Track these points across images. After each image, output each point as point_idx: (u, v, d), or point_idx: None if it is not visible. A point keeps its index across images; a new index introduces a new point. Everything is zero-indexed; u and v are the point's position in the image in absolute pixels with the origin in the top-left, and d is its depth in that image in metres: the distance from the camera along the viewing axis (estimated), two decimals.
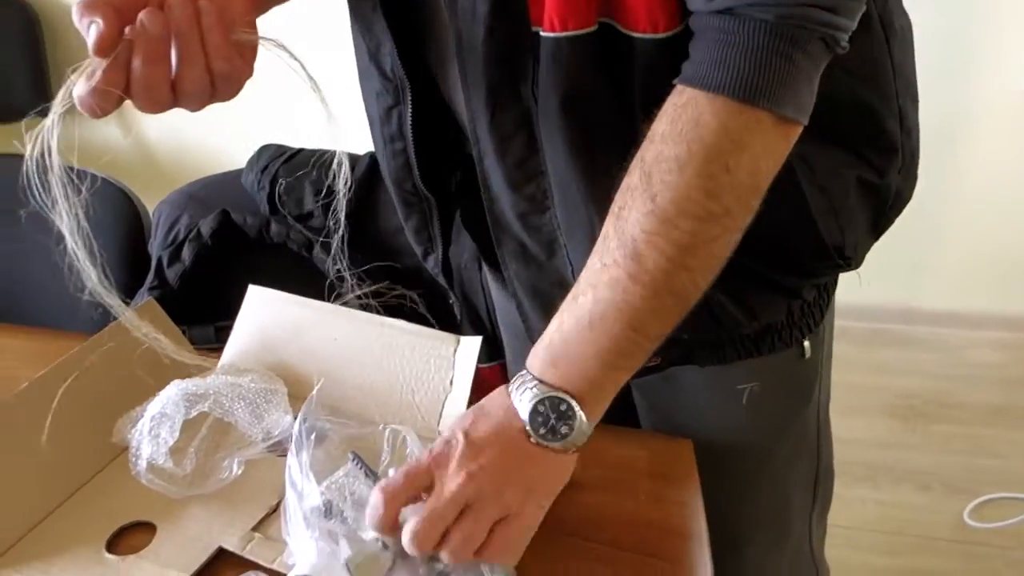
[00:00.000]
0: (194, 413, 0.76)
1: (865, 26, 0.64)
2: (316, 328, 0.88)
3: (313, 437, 0.71)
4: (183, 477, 0.74)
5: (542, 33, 0.63)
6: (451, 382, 0.81)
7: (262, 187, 1.07)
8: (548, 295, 0.77)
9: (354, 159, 1.10)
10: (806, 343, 0.82)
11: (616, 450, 0.78)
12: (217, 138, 2.50)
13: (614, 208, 0.61)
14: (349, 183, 1.07)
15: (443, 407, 0.81)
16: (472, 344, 0.81)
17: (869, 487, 1.80)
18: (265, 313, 0.90)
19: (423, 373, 0.83)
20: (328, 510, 0.67)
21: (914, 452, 0.87)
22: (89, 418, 0.80)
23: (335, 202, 1.07)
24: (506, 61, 0.66)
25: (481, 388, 1.01)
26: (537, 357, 0.65)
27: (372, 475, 0.69)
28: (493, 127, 0.70)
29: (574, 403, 0.63)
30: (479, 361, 0.82)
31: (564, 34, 0.62)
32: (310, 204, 1.06)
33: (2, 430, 0.75)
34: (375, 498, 0.62)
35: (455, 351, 0.82)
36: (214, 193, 1.13)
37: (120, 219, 1.22)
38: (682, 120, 0.57)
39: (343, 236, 1.08)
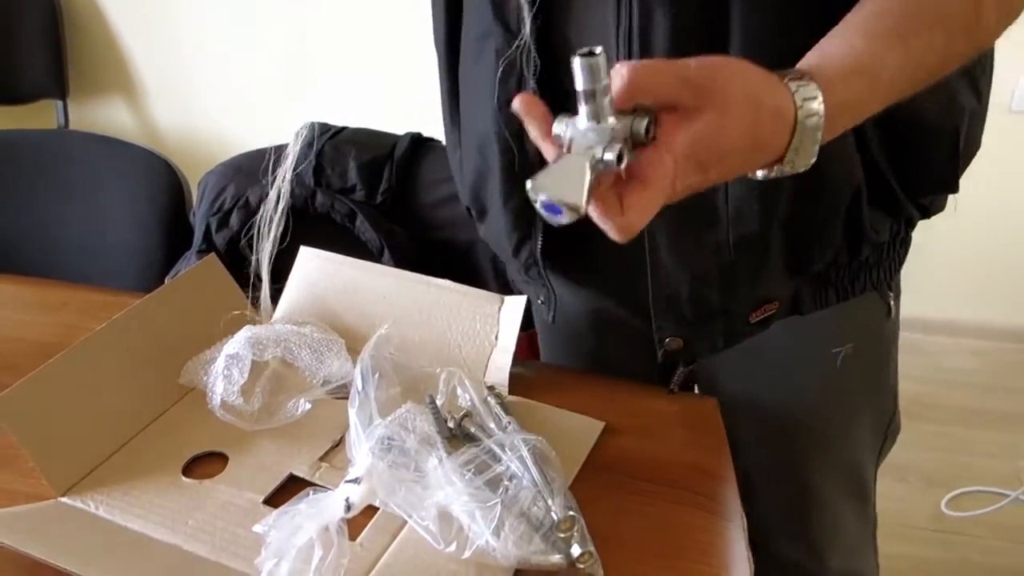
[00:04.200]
0: (267, 356, 0.82)
1: None
2: (366, 286, 0.94)
3: (377, 376, 0.77)
4: (251, 413, 0.81)
5: None
6: (496, 337, 0.88)
7: (308, 161, 1.13)
8: (692, 230, 0.75)
9: (394, 139, 1.17)
10: (891, 300, 0.87)
11: (649, 403, 0.86)
12: (228, 126, 2.56)
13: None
14: (392, 164, 1.15)
15: (488, 361, 0.88)
16: (517, 303, 0.88)
17: None
18: (317, 272, 0.97)
19: (469, 329, 0.89)
20: (391, 444, 0.73)
21: (895, 447, 0.94)
22: (156, 361, 0.85)
23: (384, 176, 1.14)
24: None
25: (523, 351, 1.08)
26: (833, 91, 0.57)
27: (442, 419, 0.76)
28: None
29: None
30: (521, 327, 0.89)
31: None
32: (353, 178, 1.13)
33: (75, 370, 0.79)
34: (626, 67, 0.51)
35: (500, 309, 0.89)
36: (259, 165, 1.19)
37: (161, 189, 1.29)
38: None
39: (383, 209, 1.16)
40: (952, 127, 0.76)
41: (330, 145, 1.14)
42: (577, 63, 0.49)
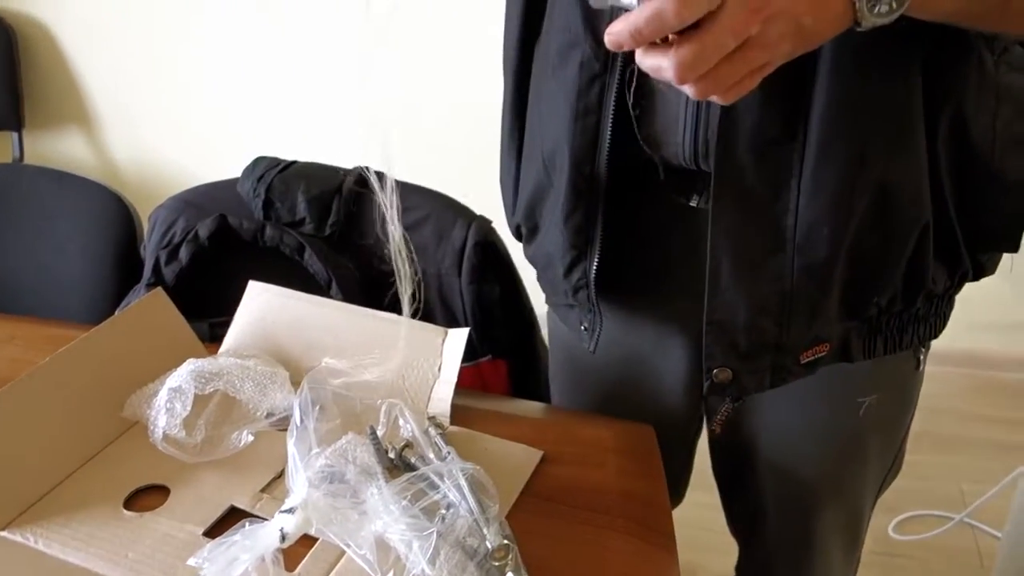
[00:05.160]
0: (209, 389, 0.83)
1: None
2: (313, 320, 0.96)
3: (317, 408, 0.79)
4: (194, 446, 0.82)
5: None
6: (439, 369, 0.90)
7: (257, 194, 1.15)
8: (757, 254, 0.75)
9: (345, 172, 1.19)
10: (923, 354, 0.87)
11: (586, 431, 0.88)
12: (185, 159, 2.56)
13: None
14: (340, 197, 1.17)
15: (431, 392, 0.90)
16: (459, 336, 0.90)
17: None
18: (265, 306, 0.98)
19: (413, 361, 0.91)
20: (330, 474, 0.74)
21: None
22: (100, 395, 0.86)
23: (333, 209, 1.16)
24: None
25: (471, 382, 1.08)
26: None
27: (382, 449, 0.77)
28: None
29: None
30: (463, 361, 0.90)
31: None
32: (302, 211, 1.15)
33: (19, 404, 0.80)
34: None
35: (443, 341, 0.91)
36: (210, 199, 1.20)
37: (112, 222, 1.30)
38: None
39: (331, 242, 1.17)
40: None
41: (279, 179, 1.16)
42: None
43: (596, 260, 0.82)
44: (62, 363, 0.85)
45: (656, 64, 0.55)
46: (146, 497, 0.79)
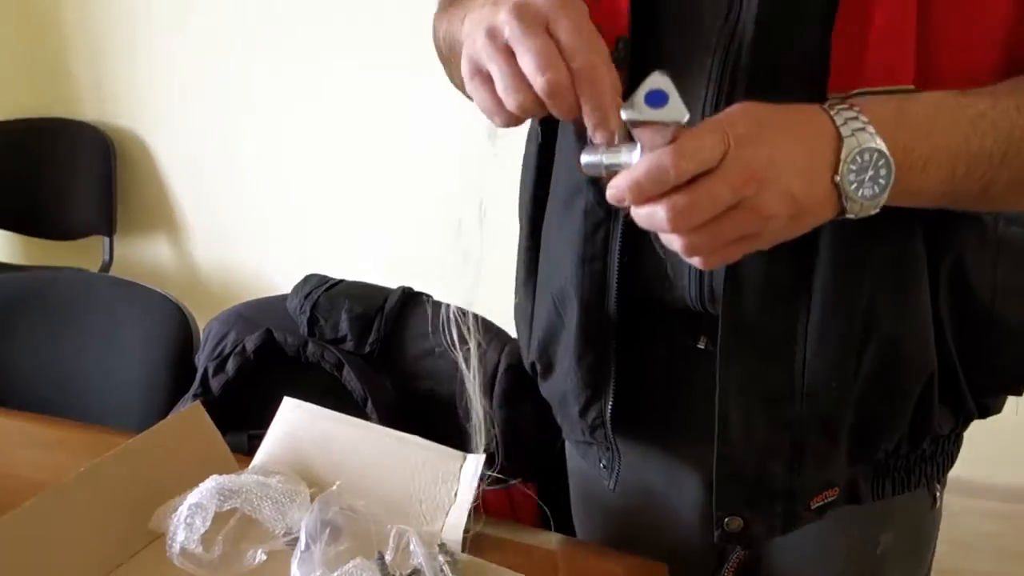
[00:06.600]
0: (227, 507, 0.86)
1: None
2: (341, 438, 0.98)
3: (328, 531, 0.80)
4: (210, 562, 0.84)
5: None
6: (455, 494, 0.91)
7: (303, 311, 1.20)
8: (766, 402, 0.75)
9: (386, 292, 1.23)
10: (938, 491, 0.87)
11: (599, 565, 0.87)
12: (264, 265, 2.68)
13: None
14: (383, 316, 1.20)
15: (446, 516, 0.90)
16: (476, 461, 0.91)
17: None
18: (296, 422, 1.01)
19: (431, 485, 0.92)
20: None
21: None
22: (131, 505, 0.89)
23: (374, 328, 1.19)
24: None
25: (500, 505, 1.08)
26: (882, 106, 0.60)
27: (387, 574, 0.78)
28: None
29: (893, 176, 0.58)
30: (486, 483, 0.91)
31: None
32: (344, 329, 1.19)
33: (52, 511, 0.84)
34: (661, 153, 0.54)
35: (461, 467, 0.92)
36: (261, 313, 1.26)
37: (172, 331, 1.36)
38: None
39: (371, 359, 1.20)
40: None
41: (325, 297, 1.21)
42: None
43: (611, 400, 0.82)
44: (97, 472, 0.89)
45: (651, 211, 0.56)
46: None
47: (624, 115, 0.54)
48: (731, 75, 0.68)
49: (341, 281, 1.25)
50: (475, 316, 0.84)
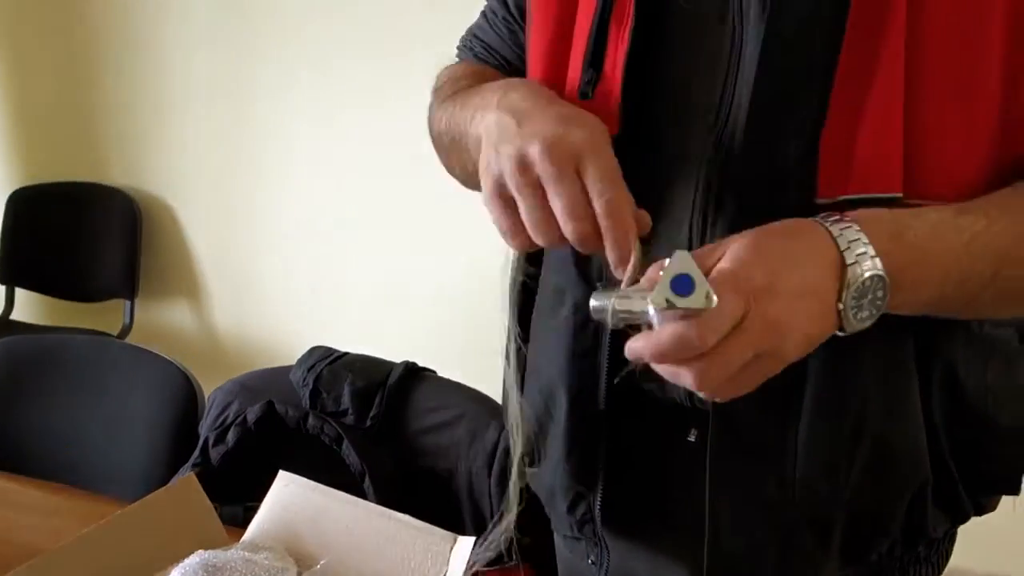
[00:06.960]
0: None
1: None
2: (333, 515, 0.97)
3: None
4: None
5: None
6: None
7: (306, 384, 1.20)
8: (755, 502, 0.74)
9: (389, 366, 1.23)
10: None
11: None
12: (283, 333, 2.70)
13: None
14: (384, 391, 1.21)
15: None
16: (467, 543, 0.90)
17: None
18: (289, 497, 1.01)
19: (420, 564, 0.91)
20: None
21: None
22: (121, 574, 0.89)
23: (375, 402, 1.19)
24: None
25: None
26: (881, 224, 0.59)
27: None
28: None
29: (888, 298, 0.58)
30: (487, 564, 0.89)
31: None
32: (346, 402, 1.19)
33: None
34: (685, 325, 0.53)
35: (451, 548, 0.91)
36: (264, 384, 1.26)
37: (178, 399, 1.37)
38: None
39: (371, 433, 1.20)
40: None
41: (329, 370, 1.21)
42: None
43: (600, 497, 0.80)
44: (87, 542, 0.89)
45: (675, 372, 0.55)
46: None
47: (651, 307, 0.53)
48: (719, 182, 0.68)
49: (346, 354, 1.26)
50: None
